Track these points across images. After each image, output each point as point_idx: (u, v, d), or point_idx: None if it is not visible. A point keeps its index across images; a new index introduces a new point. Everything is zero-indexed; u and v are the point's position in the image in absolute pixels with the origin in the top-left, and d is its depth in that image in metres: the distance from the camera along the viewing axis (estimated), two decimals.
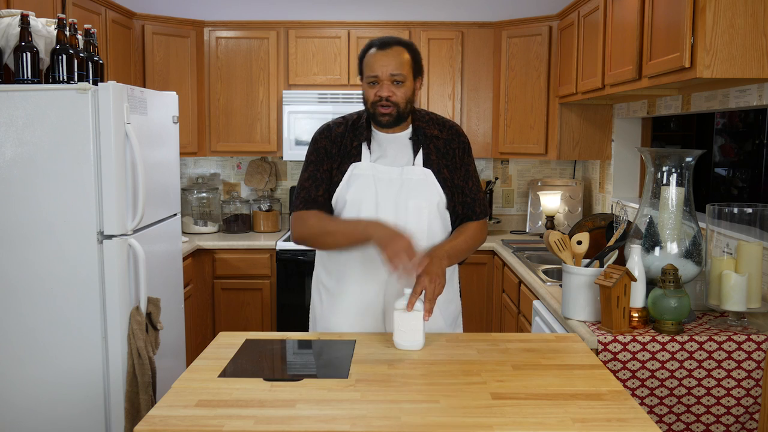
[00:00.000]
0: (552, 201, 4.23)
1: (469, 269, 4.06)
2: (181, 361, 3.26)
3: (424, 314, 1.85)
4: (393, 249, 1.86)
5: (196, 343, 3.90)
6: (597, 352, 2.07)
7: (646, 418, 1.44)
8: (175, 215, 3.24)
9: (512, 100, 4.25)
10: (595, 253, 2.36)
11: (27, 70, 2.46)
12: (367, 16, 4.52)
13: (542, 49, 4.09)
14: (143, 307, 2.66)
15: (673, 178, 2.25)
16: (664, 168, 2.27)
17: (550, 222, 4.25)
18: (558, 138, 4.05)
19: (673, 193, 2.24)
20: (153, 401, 2.58)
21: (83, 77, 2.60)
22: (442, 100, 4.36)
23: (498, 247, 3.99)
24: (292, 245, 4.08)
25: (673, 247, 2.24)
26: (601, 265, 2.28)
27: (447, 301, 2.18)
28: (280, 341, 1.97)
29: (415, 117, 2.15)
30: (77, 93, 2.46)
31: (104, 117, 2.48)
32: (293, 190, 4.61)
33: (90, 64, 2.66)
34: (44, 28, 2.54)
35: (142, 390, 2.57)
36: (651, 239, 2.27)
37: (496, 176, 4.70)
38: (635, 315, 2.17)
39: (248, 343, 1.93)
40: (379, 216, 2.05)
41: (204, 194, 4.57)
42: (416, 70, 2.09)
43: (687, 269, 2.22)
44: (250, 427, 1.39)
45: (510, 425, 1.40)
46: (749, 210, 2.26)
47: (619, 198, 3.89)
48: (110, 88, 2.48)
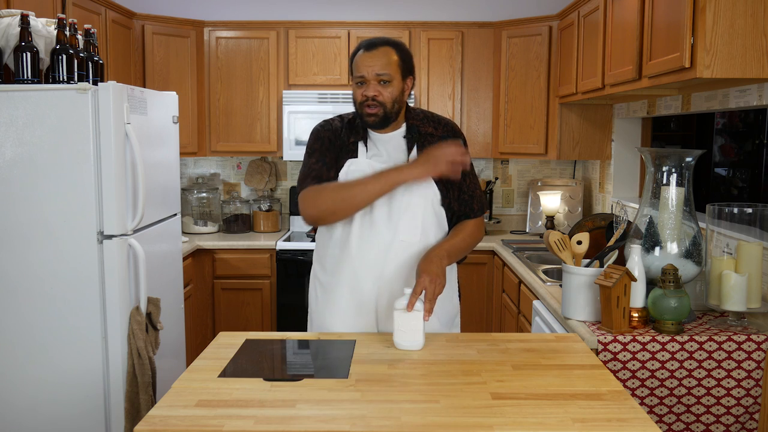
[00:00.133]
0: (552, 201, 4.24)
1: (469, 269, 4.06)
2: (181, 361, 3.26)
3: (424, 314, 1.85)
4: (436, 155, 1.96)
5: (196, 343, 3.90)
6: (597, 352, 2.07)
7: (646, 418, 1.43)
8: (175, 215, 3.24)
9: (512, 100, 4.24)
10: (595, 253, 2.36)
11: (27, 70, 2.46)
12: (367, 16, 4.52)
13: (542, 49, 4.09)
14: (143, 307, 2.66)
15: (673, 178, 2.25)
16: (664, 168, 2.27)
17: (550, 222, 4.25)
18: (558, 138, 4.05)
19: (673, 193, 2.24)
20: (153, 401, 2.58)
21: (83, 77, 2.60)
22: (442, 100, 4.36)
23: (498, 247, 3.99)
24: (292, 245, 4.09)
25: (673, 247, 2.24)
26: (601, 265, 2.28)
27: (442, 299, 2.17)
28: (280, 341, 1.97)
29: (410, 116, 2.16)
30: (77, 93, 2.46)
31: (104, 117, 2.48)
32: (293, 190, 4.61)
33: (90, 64, 2.66)
34: (44, 28, 2.54)
35: (142, 390, 2.57)
36: (651, 239, 2.27)
37: (496, 176, 4.70)
38: (635, 315, 2.17)
39: (248, 343, 1.93)
40: (373, 213, 2.06)
41: (204, 194, 4.57)
42: (405, 70, 2.09)
43: (687, 269, 2.22)
44: (250, 427, 1.39)
45: (510, 425, 1.40)
46: (749, 210, 2.26)
47: (619, 198, 3.89)
48: (110, 88, 2.48)
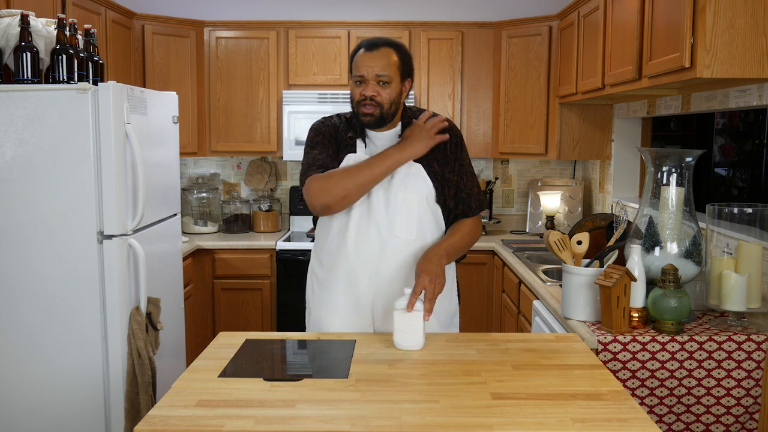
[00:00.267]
0: (552, 201, 4.23)
1: (468, 269, 4.06)
2: (181, 361, 3.26)
3: (424, 314, 1.85)
4: (424, 129, 2.08)
5: (196, 343, 3.90)
6: (597, 352, 2.07)
7: (646, 418, 1.43)
8: (175, 215, 3.24)
9: (512, 100, 4.24)
10: (595, 253, 2.36)
11: (27, 70, 2.46)
12: (367, 16, 4.52)
13: (542, 49, 4.09)
14: (143, 307, 2.66)
15: (673, 178, 2.25)
16: (664, 168, 2.27)
17: (550, 222, 4.25)
18: (558, 138, 4.05)
19: (673, 193, 2.24)
20: (153, 401, 2.58)
21: (83, 77, 2.60)
22: (442, 100, 4.36)
23: (498, 247, 3.99)
24: (292, 245, 4.09)
25: (673, 247, 2.24)
26: (601, 265, 2.28)
27: (441, 298, 2.16)
28: (280, 341, 1.97)
29: (405, 114, 2.17)
30: (77, 93, 2.46)
31: (104, 117, 2.48)
32: (293, 190, 4.61)
33: (90, 64, 2.66)
34: (44, 28, 2.54)
35: (142, 390, 2.57)
36: (651, 239, 2.27)
37: (496, 176, 4.70)
38: (635, 315, 2.17)
39: (248, 343, 1.93)
40: (370, 208, 2.07)
41: (204, 194, 4.57)
42: (404, 71, 2.10)
43: (687, 269, 2.22)
44: (250, 427, 1.39)
45: (510, 425, 1.40)
46: (749, 210, 2.26)
47: (619, 198, 3.88)
48: (110, 88, 2.48)
